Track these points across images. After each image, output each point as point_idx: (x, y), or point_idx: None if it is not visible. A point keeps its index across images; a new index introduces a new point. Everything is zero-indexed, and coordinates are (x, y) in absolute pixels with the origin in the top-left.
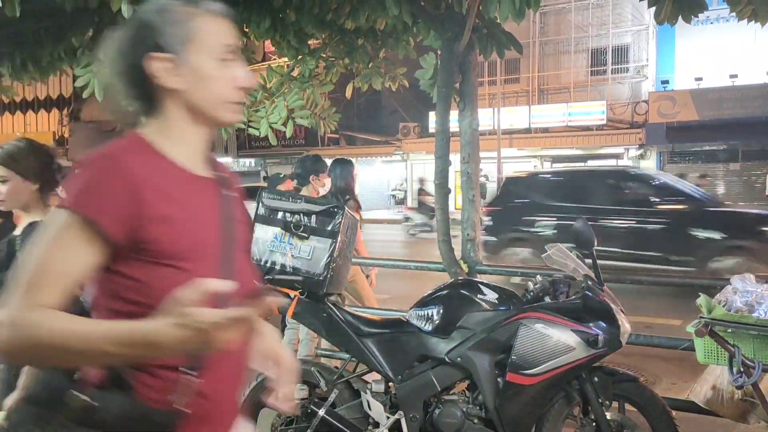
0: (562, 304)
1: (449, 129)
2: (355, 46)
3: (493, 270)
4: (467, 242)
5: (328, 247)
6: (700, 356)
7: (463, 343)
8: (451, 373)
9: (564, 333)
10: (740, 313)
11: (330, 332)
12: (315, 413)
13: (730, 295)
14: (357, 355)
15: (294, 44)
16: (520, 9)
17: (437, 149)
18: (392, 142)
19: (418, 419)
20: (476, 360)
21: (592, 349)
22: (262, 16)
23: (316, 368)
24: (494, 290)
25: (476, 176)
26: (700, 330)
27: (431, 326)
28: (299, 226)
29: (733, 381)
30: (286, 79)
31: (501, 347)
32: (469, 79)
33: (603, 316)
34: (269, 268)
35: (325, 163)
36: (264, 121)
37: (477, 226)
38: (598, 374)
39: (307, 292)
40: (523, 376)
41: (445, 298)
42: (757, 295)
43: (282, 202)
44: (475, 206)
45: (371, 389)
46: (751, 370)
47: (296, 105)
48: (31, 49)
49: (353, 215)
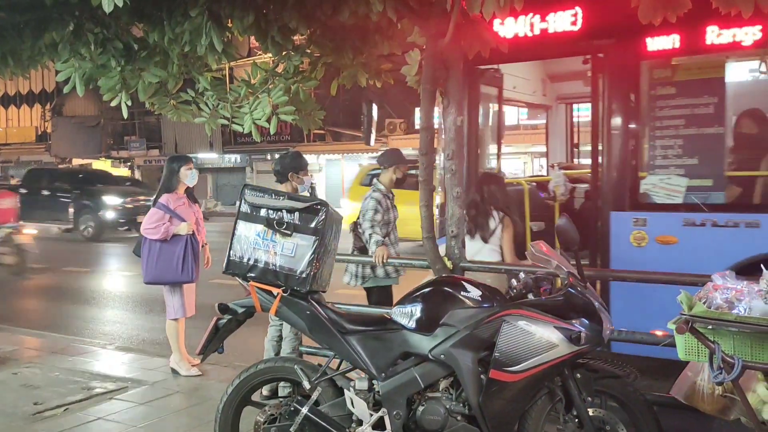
0: (545, 301)
1: (434, 126)
2: (340, 43)
3: (477, 267)
4: (451, 239)
5: (311, 244)
6: (681, 353)
7: (447, 340)
8: (435, 371)
9: (547, 330)
10: (720, 310)
11: (313, 330)
12: (298, 411)
13: (710, 291)
14: (340, 352)
15: (278, 40)
16: (505, 5)
17: (421, 146)
18: (378, 138)
19: (401, 416)
20: (459, 357)
21: (574, 346)
22: (245, 12)
23: (300, 366)
24: (478, 287)
25: (461, 173)
26: (680, 327)
27: (415, 323)
28: (282, 223)
29: (714, 377)
30: (270, 75)
31: (484, 344)
32: (453, 76)
33: (586, 313)
34: (252, 265)
35: (306, 160)
36: (248, 117)
37: (461, 222)
38: (580, 371)
39: (290, 289)
40: (507, 373)
41: (429, 295)
42: (736, 292)
43: (265, 198)
44: (459, 203)
45: (355, 387)
46: (731, 366)
47: (280, 101)
48: (11, 43)
49: (337, 213)
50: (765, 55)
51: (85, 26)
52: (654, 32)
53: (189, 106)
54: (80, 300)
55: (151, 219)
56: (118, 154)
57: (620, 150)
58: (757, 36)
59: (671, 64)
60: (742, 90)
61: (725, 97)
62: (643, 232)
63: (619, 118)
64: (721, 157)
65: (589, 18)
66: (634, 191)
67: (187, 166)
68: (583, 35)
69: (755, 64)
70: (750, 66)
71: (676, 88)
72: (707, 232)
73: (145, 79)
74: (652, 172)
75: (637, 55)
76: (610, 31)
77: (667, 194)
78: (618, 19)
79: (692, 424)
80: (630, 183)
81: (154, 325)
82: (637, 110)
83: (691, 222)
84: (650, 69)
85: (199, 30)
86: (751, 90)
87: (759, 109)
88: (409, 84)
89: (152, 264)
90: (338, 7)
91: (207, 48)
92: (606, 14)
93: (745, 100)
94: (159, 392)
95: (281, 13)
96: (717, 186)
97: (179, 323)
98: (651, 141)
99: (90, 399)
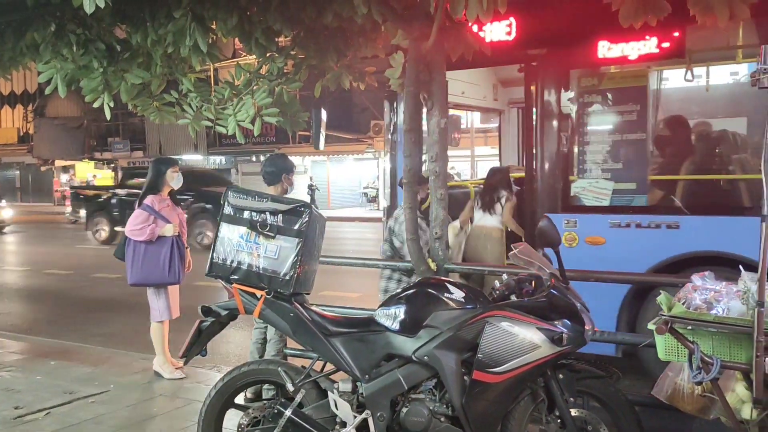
0: (528, 302)
1: (418, 128)
2: (324, 45)
3: (461, 268)
4: (435, 240)
5: (295, 246)
6: (661, 353)
7: (430, 342)
8: (418, 372)
9: (529, 331)
10: (699, 310)
11: (297, 332)
12: (281, 414)
13: (689, 292)
14: (324, 354)
15: (262, 42)
16: (488, 8)
17: (406, 148)
18: (364, 140)
19: (385, 418)
20: (443, 358)
21: (557, 347)
22: (228, 14)
23: (283, 368)
24: (461, 289)
25: (444, 175)
26: (660, 327)
27: (398, 325)
28: (266, 225)
29: (693, 377)
30: (254, 77)
31: (467, 345)
32: (437, 79)
33: (568, 314)
34: (235, 267)
35: (292, 161)
36: (231, 119)
37: (445, 224)
38: (563, 371)
39: (273, 291)
40: (490, 374)
41: (413, 296)
42: (715, 293)
43: (248, 200)
44: (443, 204)
45: (338, 389)
46: (710, 366)
47: (264, 103)
48: None
49: (321, 214)
50: (690, 64)
51: (66, 27)
52: (582, 42)
53: (172, 108)
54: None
55: (137, 220)
56: (101, 156)
57: (552, 155)
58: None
59: (598, 73)
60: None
61: (648, 104)
62: (573, 233)
63: (551, 124)
64: (645, 162)
65: (522, 28)
66: (566, 194)
67: (173, 169)
68: (517, 44)
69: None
70: (673, 74)
71: (603, 95)
72: (632, 233)
73: (128, 81)
74: (582, 176)
75: (567, 64)
76: (541, 41)
77: (595, 197)
78: (549, 30)
79: (673, 424)
80: (561, 186)
81: (138, 327)
82: (568, 117)
83: (617, 223)
84: (579, 77)
85: (183, 31)
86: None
87: (681, 115)
88: (393, 87)
89: (138, 266)
90: (322, 10)
91: (191, 49)
92: (537, 25)
93: (668, 108)
94: (142, 395)
95: (265, 15)
96: (640, 189)
97: (164, 326)
98: (580, 146)
99: (72, 403)
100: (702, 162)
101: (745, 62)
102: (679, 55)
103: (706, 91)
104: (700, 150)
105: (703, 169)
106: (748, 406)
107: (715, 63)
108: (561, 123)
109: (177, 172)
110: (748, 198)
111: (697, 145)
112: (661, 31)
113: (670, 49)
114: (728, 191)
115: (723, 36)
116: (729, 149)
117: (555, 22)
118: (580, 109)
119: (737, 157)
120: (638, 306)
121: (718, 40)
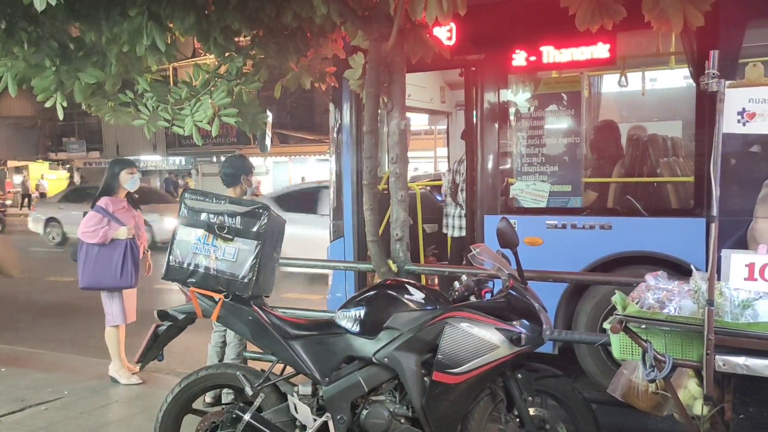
0: (487, 303)
1: (378, 129)
2: (284, 45)
3: (421, 270)
4: (396, 242)
5: (253, 248)
6: (616, 352)
7: (390, 344)
8: (378, 374)
9: (489, 331)
10: (652, 309)
11: (256, 335)
12: (240, 418)
13: (643, 292)
14: (284, 358)
15: (220, 41)
16: (447, 10)
17: (366, 150)
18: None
19: (345, 421)
20: (403, 360)
21: (515, 347)
22: (185, 12)
23: (242, 372)
24: (421, 290)
25: (404, 176)
26: (614, 327)
27: (359, 327)
28: (223, 227)
29: (646, 375)
30: (212, 77)
31: (427, 347)
32: (397, 80)
33: (526, 315)
34: (192, 270)
35: (251, 162)
36: (189, 120)
37: (406, 225)
38: (521, 371)
39: (232, 294)
40: (449, 375)
41: (373, 298)
42: (668, 293)
43: (206, 203)
44: (404, 206)
45: (298, 392)
46: (663, 364)
47: (223, 103)
48: None
49: (279, 216)
50: (624, 69)
51: (18, 24)
52: (518, 48)
53: (128, 108)
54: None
55: (89, 222)
56: (56, 156)
57: (492, 157)
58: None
59: (535, 78)
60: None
61: (582, 109)
62: None
63: (490, 127)
64: (579, 165)
65: (462, 34)
66: (505, 196)
67: (128, 170)
68: (458, 50)
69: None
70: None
71: (540, 100)
72: (568, 233)
73: (82, 80)
74: (520, 179)
75: (504, 69)
76: (480, 47)
77: (533, 199)
78: (487, 35)
79: (628, 421)
80: (501, 188)
81: (93, 332)
82: (506, 121)
83: (554, 225)
84: (516, 82)
85: (139, 30)
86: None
87: (612, 120)
88: (353, 88)
89: (89, 269)
90: (281, 10)
91: (148, 49)
92: (477, 31)
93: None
94: (98, 402)
95: (223, 14)
96: (575, 191)
97: (119, 330)
98: (518, 149)
99: (25, 410)
100: (633, 165)
101: (678, 68)
102: (610, 61)
103: (642, 95)
104: (631, 153)
105: (635, 171)
106: (700, 403)
107: (650, 68)
108: (500, 126)
109: (133, 173)
110: (676, 200)
111: (629, 148)
112: (594, 38)
113: (601, 55)
114: (658, 193)
115: (653, 43)
116: (660, 152)
117: (493, 28)
118: (517, 113)
119: (667, 161)
120: (575, 304)
121: (649, 47)
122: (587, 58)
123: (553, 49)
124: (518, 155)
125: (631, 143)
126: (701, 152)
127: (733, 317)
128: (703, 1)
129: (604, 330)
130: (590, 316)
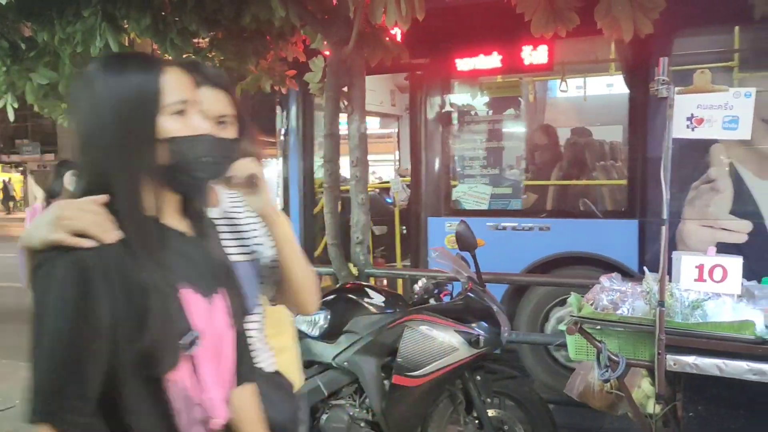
0: (446, 305)
1: (338, 133)
2: (243, 47)
3: (382, 273)
4: (356, 245)
5: None
6: (572, 352)
7: (350, 348)
8: (338, 378)
9: (447, 334)
10: (606, 311)
11: None
12: None
13: (597, 293)
14: None
15: (178, 43)
16: (407, 14)
17: (326, 153)
18: None
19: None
20: (363, 364)
21: (474, 349)
22: (141, 13)
23: None
24: (381, 293)
25: (365, 179)
26: (570, 328)
27: (318, 331)
28: None
29: (600, 375)
30: None
31: (387, 350)
32: (356, 84)
33: (485, 317)
34: None
35: None
36: None
37: (367, 228)
38: (480, 373)
39: None
40: (409, 378)
41: (333, 302)
42: (621, 294)
43: None
44: (364, 209)
45: None
46: (616, 364)
47: None
48: None
49: None
50: (563, 75)
51: None
52: (462, 53)
53: None
54: None
55: None
56: (9, 159)
57: (435, 160)
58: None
59: (478, 83)
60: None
61: (522, 113)
62: None
63: (434, 131)
64: (519, 168)
65: (407, 37)
66: (448, 198)
67: (74, 173)
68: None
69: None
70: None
71: (482, 105)
72: (508, 235)
73: (34, 81)
74: (463, 181)
75: (447, 74)
76: (425, 51)
77: (475, 201)
78: (432, 40)
79: (585, 421)
80: (444, 191)
81: None
82: (449, 124)
83: (495, 226)
84: (459, 87)
85: (93, 31)
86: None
87: (550, 124)
88: (312, 91)
89: None
90: (240, 12)
91: (102, 49)
92: (421, 35)
93: (544, 117)
94: None
95: (180, 15)
96: (515, 194)
97: None
98: (461, 152)
99: None
100: (570, 168)
101: (618, 74)
102: (548, 67)
103: (584, 100)
104: (569, 157)
105: (572, 174)
106: (653, 402)
107: (590, 75)
108: (443, 130)
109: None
110: (611, 202)
111: (567, 152)
112: (533, 44)
113: (540, 61)
114: (594, 196)
115: (593, 50)
116: (597, 156)
117: (438, 32)
118: (460, 117)
119: (603, 164)
120: (515, 304)
121: (587, 54)
122: (528, 64)
123: (495, 55)
124: (461, 158)
125: (569, 147)
126: (634, 156)
127: (683, 317)
128: (652, 10)
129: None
130: (530, 316)
